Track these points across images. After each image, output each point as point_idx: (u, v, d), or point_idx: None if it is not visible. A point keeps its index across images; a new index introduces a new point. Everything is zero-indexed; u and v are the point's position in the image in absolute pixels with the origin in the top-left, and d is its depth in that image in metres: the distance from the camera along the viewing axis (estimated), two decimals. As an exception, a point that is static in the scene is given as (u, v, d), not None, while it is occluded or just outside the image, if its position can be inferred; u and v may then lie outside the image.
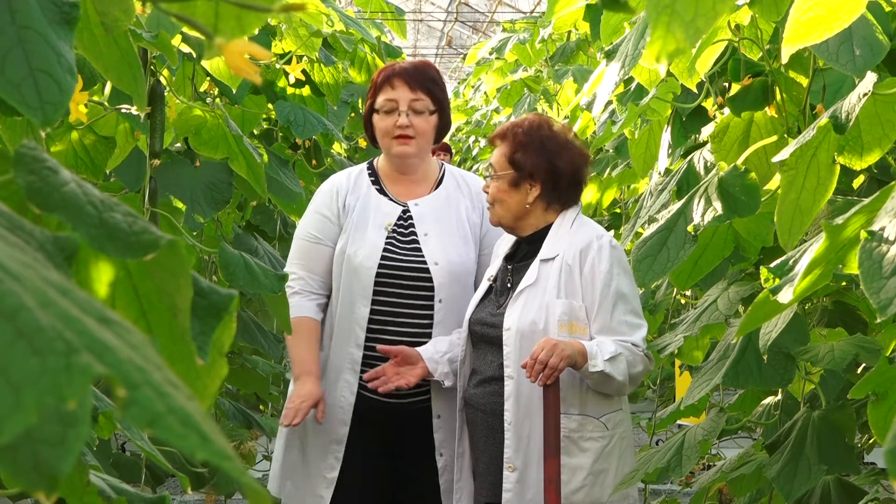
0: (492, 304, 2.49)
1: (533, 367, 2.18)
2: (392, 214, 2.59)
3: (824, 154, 1.46)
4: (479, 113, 10.31)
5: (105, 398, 1.09)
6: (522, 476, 2.33)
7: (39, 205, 0.55)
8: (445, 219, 2.62)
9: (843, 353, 1.77)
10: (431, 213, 2.62)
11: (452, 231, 2.62)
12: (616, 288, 2.33)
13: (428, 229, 2.59)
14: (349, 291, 2.55)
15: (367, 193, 2.62)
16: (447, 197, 2.66)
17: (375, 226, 2.58)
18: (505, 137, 2.49)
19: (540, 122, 2.51)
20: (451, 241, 2.60)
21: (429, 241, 2.58)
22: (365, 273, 2.53)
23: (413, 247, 2.57)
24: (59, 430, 0.39)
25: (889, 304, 0.80)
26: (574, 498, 2.32)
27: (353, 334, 2.54)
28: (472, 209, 2.67)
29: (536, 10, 15.01)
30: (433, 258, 2.56)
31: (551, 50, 4.98)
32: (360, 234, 2.57)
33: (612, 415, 2.39)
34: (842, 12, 1.26)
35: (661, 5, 0.67)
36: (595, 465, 2.34)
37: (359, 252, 2.54)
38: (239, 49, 0.67)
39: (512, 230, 2.51)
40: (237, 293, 0.67)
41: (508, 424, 2.34)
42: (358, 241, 2.56)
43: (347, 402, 2.53)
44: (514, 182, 2.43)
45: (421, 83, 2.57)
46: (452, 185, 2.69)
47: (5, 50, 0.67)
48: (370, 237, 2.56)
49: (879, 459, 2.94)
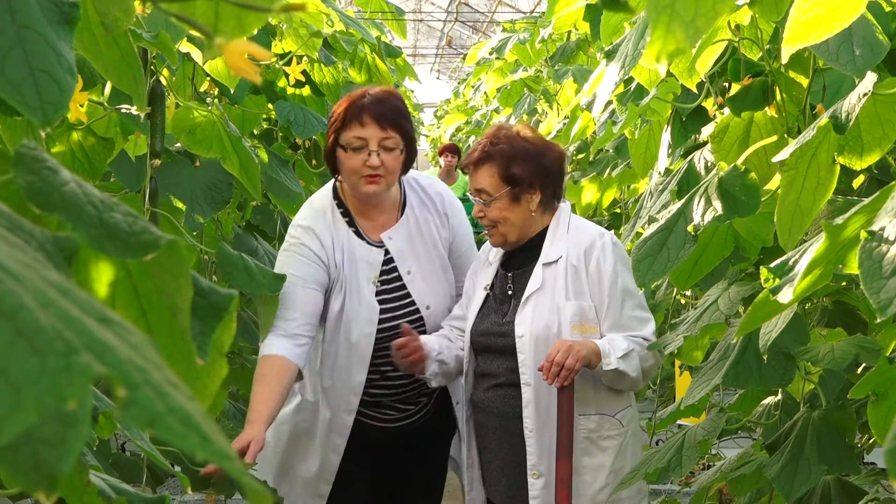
0: (494, 314, 2.48)
1: (549, 369, 2.19)
2: (376, 263, 2.50)
3: (824, 154, 1.46)
4: (479, 113, 10.32)
5: (105, 398, 1.09)
6: (548, 482, 2.33)
7: (39, 205, 0.55)
8: (422, 249, 2.55)
9: (843, 353, 1.76)
10: (407, 244, 2.53)
11: (433, 263, 2.56)
12: (623, 284, 2.34)
13: (409, 266, 2.52)
14: (346, 358, 2.47)
15: (349, 240, 2.49)
16: (416, 221, 2.56)
17: (365, 279, 2.48)
18: (489, 159, 2.41)
19: (511, 131, 2.46)
20: (434, 277, 2.55)
21: (414, 281, 2.52)
22: (364, 341, 2.46)
23: (402, 293, 2.51)
24: (59, 430, 0.39)
25: (889, 304, 0.80)
26: (599, 497, 2.34)
27: (346, 401, 2.49)
28: (441, 226, 2.60)
29: (536, 10, 15.02)
30: (423, 301, 2.52)
31: (551, 50, 4.98)
32: (356, 296, 2.46)
33: (626, 411, 2.42)
34: (842, 12, 1.26)
35: (661, 5, 0.67)
36: (615, 462, 2.37)
37: (359, 318, 2.45)
38: (239, 49, 0.67)
39: (515, 245, 2.48)
40: (237, 293, 0.67)
41: (529, 432, 2.35)
42: (355, 303, 2.46)
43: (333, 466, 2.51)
44: (515, 197, 2.40)
45: (391, 120, 2.41)
46: (417, 204, 2.59)
47: (5, 50, 0.67)
48: (365, 298, 2.46)
49: (879, 459, 2.94)
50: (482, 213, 2.44)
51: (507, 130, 2.46)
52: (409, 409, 2.59)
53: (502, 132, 2.45)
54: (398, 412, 2.57)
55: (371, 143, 2.39)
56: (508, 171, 2.39)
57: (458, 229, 2.64)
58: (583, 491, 2.34)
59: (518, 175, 2.39)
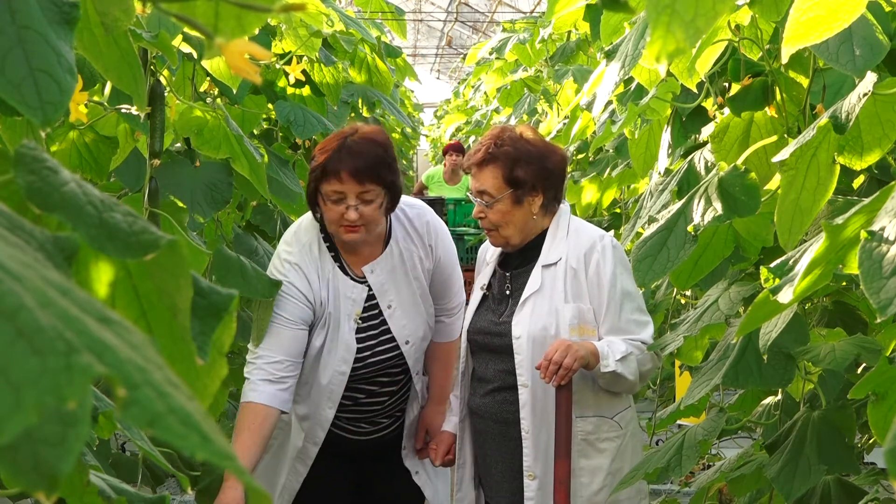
0: (491, 313, 2.48)
1: (547, 367, 2.18)
2: (359, 300, 2.47)
3: (824, 154, 1.46)
4: (479, 113, 10.32)
5: (105, 398, 1.09)
6: (543, 483, 2.34)
7: (39, 205, 0.55)
8: (404, 282, 2.52)
9: (844, 353, 1.76)
10: (389, 277, 2.50)
11: (413, 296, 2.53)
12: (622, 287, 2.34)
13: (391, 299, 2.50)
14: (317, 394, 2.46)
15: (334, 276, 2.47)
16: (400, 254, 2.53)
17: (346, 316, 2.45)
18: (492, 160, 2.40)
19: (514, 133, 2.45)
20: (415, 311, 2.53)
21: (394, 315, 2.49)
22: (336, 380, 2.45)
23: (382, 329, 2.49)
24: (59, 430, 0.39)
25: (889, 304, 0.80)
26: (596, 499, 2.34)
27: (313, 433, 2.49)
28: (424, 257, 2.56)
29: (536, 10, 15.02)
30: (403, 337, 2.50)
31: (551, 50, 4.98)
32: (336, 334, 2.44)
33: (624, 413, 2.41)
34: (842, 12, 1.26)
35: (661, 5, 0.67)
36: (613, 464, 2.36)
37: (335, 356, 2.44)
38: (239, 49, 0.67)
39: (515, 247, 2.47)
40: (237, 293, 0.67)
41: (526, 433, 2.35)
42: (335, 341, 2.44)
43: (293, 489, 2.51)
44: (517, 199, 2.39)
45: (369, 175, 2.34)
46: (402, 236, 2.55)
47: (5, 50, 0.67)
48: (345, 337, 2.44)
49: (879, 459, 2.94)
50: (483, 215, 2.43)
51: (511, 132, 2.45)
52: (382, 423, 2.60)
53: (506, 134, 2.44)
54: (370, 425, 2.58)
55: (349, 199, 2.35)
56: (512, 174, 2.38)
57: (442, 257, 2.60)
58: (580, 493, 2.34)
59: (521, 178, 2.38)
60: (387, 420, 2.59)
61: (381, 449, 2.61)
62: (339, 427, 2.53)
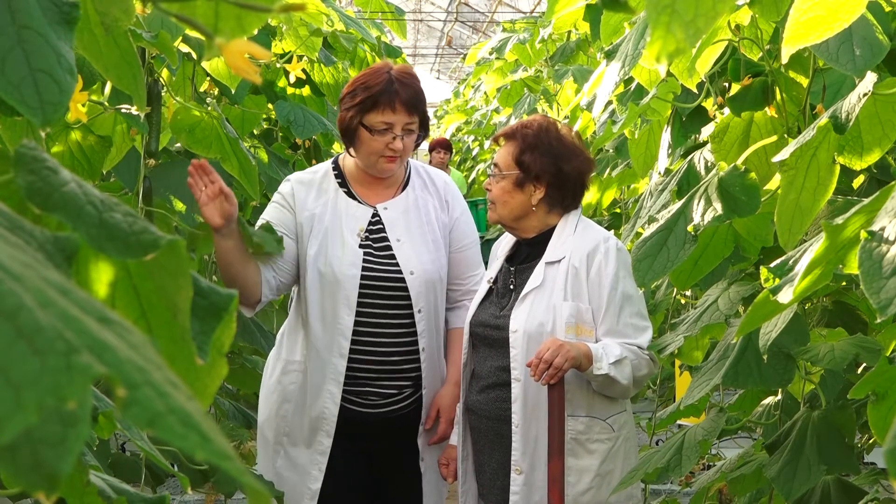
0: (494, 306, 2.48)
1: (538, 366, 2.18)
2: (362, 218, 2.55)
3: (824, 154, 1.46)
4: (479, 113, 10.32)
5: (105, 398, 1.09)
6: (529, 479, 2.33)
7: (39, 205, 0.55)
8: (416, 223, 2.59)
9: (843, 353, 1.76)
10: (401, 216, 2.58)
11: (424, 236, 2.59)
12: (623, 291, 2.33)
13: (399, 235, 2.56)
14: (332, 300, 2.49)
15: (336, 197, 2.56)
16: (415, 199, 2.62)
17: (349, 231, 2.53)
18: (513, 137, 2.46)
19: (549, 124, 2.49)
20: (424, 248, 2.57)
21: (402, 247, 2.54)
22: (349, 282, 2.48)
23: (387, 254, 2.54)
24: (59, 430, 0.39)
25: (889, 304, 0.80)
26: (582, 500, 2.33)
27: (337, 344, 2.50)
28: (440, 209, 2.64)
29: (536, 10, 15.03)
30: (408, 267, 2.53)
31: (551, 50, 4.98)
32: (338, 241, 2.51)
33: (618, 416, 2.40)
34: (842, 12, 1.26)
35: (661, 5, 0.67)
36: (602, 466, 2.35)
37: (342, 259, 2.49)
38: (239, 49, 0.67)
39: (511, 230, 2.51)
40: (237, 293, 0.67)
41: (516, 427, 2.34)
42: (337, 248, 2.50)
43: (331, 414, 2.51)
44: (519, 182, 2.42)
45: (417, 106, 2.51)
46: (419, 185, 2.65)
47: (5, 50, 0.67)
48: (349, 243, 2.51)
49: (879, 459, 2.93)
50: (489, 187, 2.50)
51: (546, 122, 2.51)
52: (390, 393, 2.57)
53: (539, 121, 2.50)
54: (380, 397, 2.56)
55: (396, 128, 2.48)
56: (522, 156, 2.42)
57: (460, 220, 2.66)
58: (566, 492, 2.33)
59: (529, 163, 2.41)
60: (395, 391, 2.57)
61: (392, 431, 2.59)
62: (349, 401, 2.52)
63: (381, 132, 2.47)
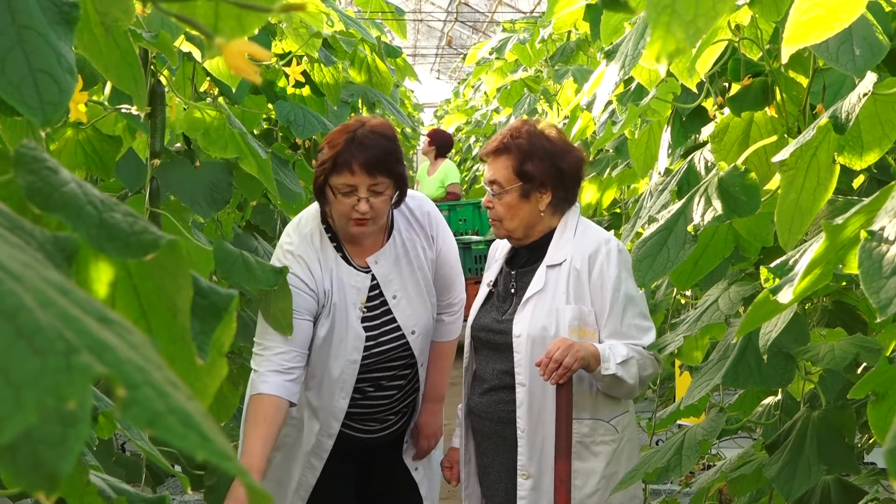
0: (495, 310, 2.48)
1: (547, 365, 2.18)
2: (363, 289, 2.48)
3: (824, 154, 1.46)
4: (479, 113, 10.32)
5: (105, 398, 1.09)
6: (537, 483, 2.33)
7: (39, 205, 0.55)
8: (407, 271, 2.53)
9: (843, 353, 1.76)
10: (393, 268, 2.51)
11: (417, 285, 2.55)
12: (625, 292, 2.33)
13: (395, 290, 2.51)
14: (330, 383, 2.46)
15: (337, 266, 2.47)
16: (402, 243, 2.54)
17: (352, 305, 2.46)
18: (506, 150, 2.41)
19: (533, 128, 2.45)
20: (419, 301, 2.54)
21: (399, 305, 2.50)
22: (349, 369, 2.45)
23: (387, 318, 2.50)
24: (59, 430, 0.39)
25: (889, 304, 0.80)
26: (589, 502, 2.33)
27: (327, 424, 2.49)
28: (427, 248, 2.58)
29: (536, 10, 15.02)
30: (409, 326, 2.51)
31: (551, 50, 4.98)
32: (343, 323, 2.44)
33: (621, 417, 2.40)
34: (842, 12, 1.26)
35: (661, 5, 0.67)
36: (607, 468, 2.35)
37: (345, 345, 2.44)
38: (239, 49, 0.67)
39: (518, 241, 2.47)
40: (237, 293, 0.67)
41: (521, 432, 2.34)
42: (342, 330, 2.44)
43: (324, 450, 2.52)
44: (525, 193, 2.39)
45: (380, 167, 2.36)
46: (404, 225, 2.57)
47: (5, 50, 0.67)
48: (353, 325, 2.45)
49: (879, 459, 2.94)
50: (491, 205, 2.44)
51: (531, 126, 2.46)
52: (390, 420, 2.60)
53: (525, 127, 2.45)
54: (378, 423, 2.59)
55: (360, 190, 2.36)
56: (523, 167, 2.39)
57: (443, 250, 2.61)
58: (572, 495, 2.33)
59: (531, 172, 2.38)
60: (395, 417, 2.60)
61: (385, 447, 2.62)
62: (349, 427, 2.53)
63: (345, 194, 2.38)
